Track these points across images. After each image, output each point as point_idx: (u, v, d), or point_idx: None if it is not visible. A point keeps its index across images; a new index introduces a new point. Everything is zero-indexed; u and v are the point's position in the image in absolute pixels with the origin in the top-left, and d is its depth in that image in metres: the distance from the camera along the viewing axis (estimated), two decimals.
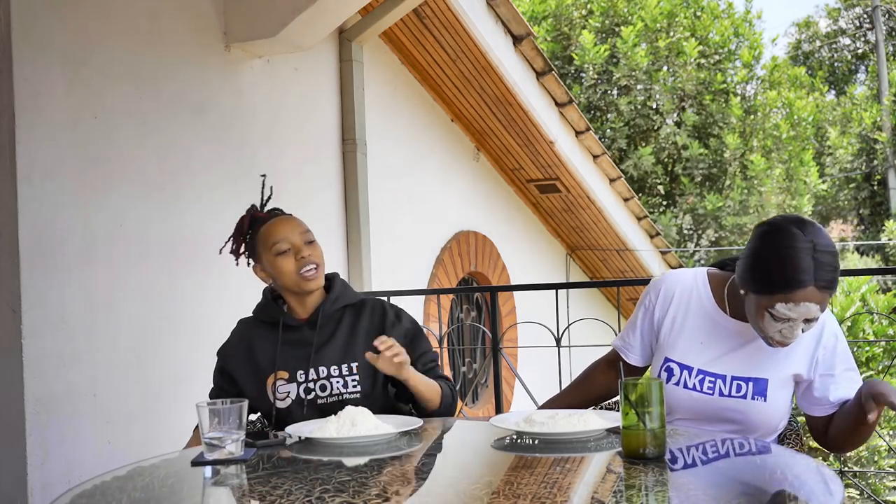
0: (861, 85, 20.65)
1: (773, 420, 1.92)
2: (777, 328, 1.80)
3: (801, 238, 1.76)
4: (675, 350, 1.98)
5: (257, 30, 3.36)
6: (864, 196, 17.77)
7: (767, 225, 1.85)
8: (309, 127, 4.01)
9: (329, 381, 2.06)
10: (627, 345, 2.11)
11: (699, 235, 13.09)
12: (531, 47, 5.03)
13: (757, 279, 1.81)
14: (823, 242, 1.77)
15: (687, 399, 1.93)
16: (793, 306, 1.75)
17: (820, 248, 1.76)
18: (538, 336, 4.23)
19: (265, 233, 2.10)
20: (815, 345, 1.92)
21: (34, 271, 2.59)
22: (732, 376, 1.91)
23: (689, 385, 1.93)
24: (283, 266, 2.07)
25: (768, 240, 1.81)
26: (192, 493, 1.54)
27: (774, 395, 1.90)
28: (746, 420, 1.91)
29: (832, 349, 1.92)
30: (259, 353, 2.11)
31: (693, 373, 1.94)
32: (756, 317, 1.82)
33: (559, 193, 6.32)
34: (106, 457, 2.75)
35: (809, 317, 1.77)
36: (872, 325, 5.75)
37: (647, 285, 2.10)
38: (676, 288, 2.02)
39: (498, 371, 3.58)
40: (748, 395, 1.90)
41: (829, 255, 1.76)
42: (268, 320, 2.14)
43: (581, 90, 12.59)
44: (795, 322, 1.78)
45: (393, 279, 4.56)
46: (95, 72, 2.83)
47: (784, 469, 1.50)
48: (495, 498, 1.32)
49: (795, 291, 1.74)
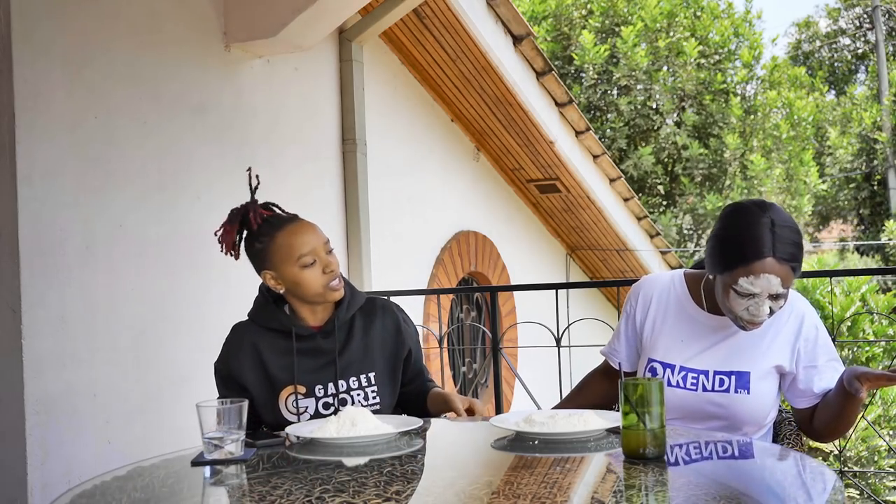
0: (861, 85, 20.64)
1: (759, 413, 1.93)
2: (743, 305, 1.83)
3: (758, 213, 1.82)
4: (657, 350, 2.01)
5: (257, 30, 3.36)
6: (864, 196, 17.75)
7: (727, 208, 1.91)
8: (309, 127, 4.01)
9: (350, 395, 2.00)
10: (613, 350, 2.15)
11: (699, 235, 13.09)
12: (531, 47, 5.03)
13: (718, 258, 1.86)
14: (782, 218, 1.82)
15: (671, 396, 1.93)
16: (753, 279, 1.79)
17: (779, 223, 1.81)
18: (538, 336, 4.23)
19: (286, 244, 1.97)
20: (796, 337, 1.94)
21: (34, 271, 2.59)
22: (715, 371, 1.93)
23: (673, 382, 1.96)
24: (309, 280, 1.97)
25: (728, 220, 1.88)
26: (192, 493, 1.54)
27: (758, 387, 1.91)
28: (732, 414, 1.92)
29: (814, 341, 1.94)
30: (270, 364, 2.01)
31: (676, 370, 1.96)
32: (723, 298, 1.86)
33: (559, 193, 6.32)
34: (106, 457, 2.75)
35: (773, 291, 1.80)
36: (872, 325, 5.75)
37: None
38: (654, 290, 2.07)
39: (498, 371, 3.58)
40: (731, 389, 1.91)
41: (789, 231, 1.81)
42: (275, 328, 2.04)
43: (581, 90, 12.58)
44: (760, 297, 1.80)
45: (393, 279, 4.56)
46: (96, 72, 2.83)
47: (784, 469, 1.50)
48: (495, 498, 1.32)
49: (754, 263, 1.79)
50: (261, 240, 2.01)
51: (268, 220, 2.02)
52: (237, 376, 2.04)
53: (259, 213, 2.03)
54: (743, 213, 1.85)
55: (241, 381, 2.03)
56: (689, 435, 1.79)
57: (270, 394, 2.02)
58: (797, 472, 1.47)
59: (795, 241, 1.82)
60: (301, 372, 2.01)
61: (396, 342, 2.10)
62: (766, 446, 1.72)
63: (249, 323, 2.10)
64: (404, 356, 2.11)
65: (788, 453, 1.64)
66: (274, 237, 1.99)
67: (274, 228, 2.01)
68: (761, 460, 1.61)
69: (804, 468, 1.49)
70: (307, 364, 2.02)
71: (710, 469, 1.58)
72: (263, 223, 2.01)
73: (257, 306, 2.11)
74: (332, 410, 1.99)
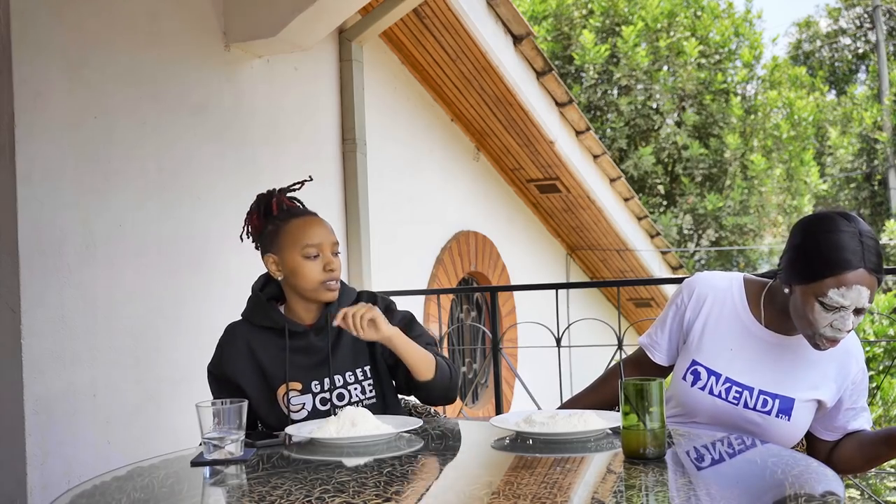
0: (861, 85, 20.63)
1: (791, 439, 1.91)
2: (828, 320, 1.74)
3: (845, 223, 1.75)
4: (703, 353, 1.94)
5: (257, 30, 3.36)
6: (864, 196, 17.75)
7: (808, 218, 1.83)
8: (309, 127, 4.01)
9: (346, 389, 2.00)
10: (655, 342, 2.06)
11: (699, 235, 13.09)
12: (531, 47, 5.03)
13: (804, 268, 1.76)
14: (867, 229, 1.75)
15: (710, 405, 1.91)
16: (845, 290, 1.71)
17: (866, 234, 1.74)
18: (538, 336, 4.23)
19: (296, 230, 2.01)
20: (844, 378, 1.91)
21: (34, 271, 2.59)
22: (760, 390, 1.88)
23: (715, 392, 1.90)
24: (308, 271, 1.99)
25: (812, 229, 1.78)
26: (192, 493, 1.54)
27: (798, 416, 1.88)
28: (764, 434, 1.88)
29: (860, 384, 1.93)
30: (265, 362, 2.02)
31: (720, 380, 1.90)
32: (804, 310, 1.76)
33: (559, 193, 6.32)
34: (106, 457, 2.75)
35: (860, 305, 1.73)
36: (872, 325, 5.76)
37: (681, 284, 2.06)
38: (710, 291, 1.98)
39: (498, 371, 3.58)
40: (773, 412, 1.87)
41: (874, 242, 1.75)
42: (268, 325, 2.05)
43: (581, 90, 12.58)
44: (847, 311, 1.73)
45: (393, 279, 4.56)
46: (95, 72, 2.83)
47: (784, 469, 1.50)
48: (495, 498, 1.32)
49: (847, 273, 1.70)
50: (274, 222, 2.05)
51: (287, 209, 2.08)
52: (232, 377, 2.04)
53: (283, 200, 2.09)
54: (829, 222, 1.76)
55: (236, 382, 2.03)
56: (689, 435, 1.79)
57: (266, 391, 2.02)
58: (798, 473, 1.47)
59: (880, 252, 1.76)
60: (296, 368, 2.01)
61: None
62: (766, 446, 1.72)
63: (243, 322, 2.11)
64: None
65: (788, 453, 1.64)
66: (287, 222, 2.04)
67: (290, 216, 2.05)
68: (761, 460, 1.61)
69: (804, 468, 1.49)
70: (302, 361, 2.02)
71: (711, 469, 1.58)
72: (283, 210, 2.07)
73: (251, 305, 2.11)
74: (329, 406, 1.99)
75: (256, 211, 2.10)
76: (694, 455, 1.64)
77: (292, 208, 2.10)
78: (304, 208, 2.13)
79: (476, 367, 5.98)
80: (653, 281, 6.72)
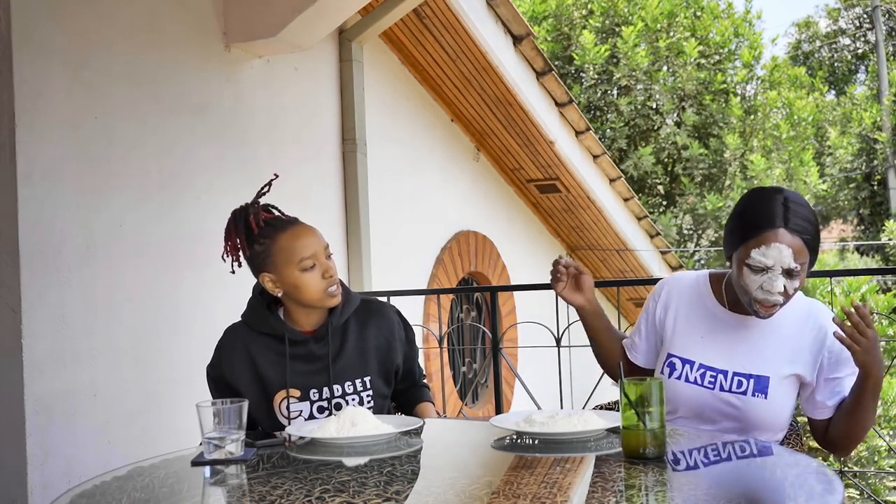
0: (861, 85, 20.63)
1: (775, 419, 1.92)
2: (758, 283, 1.82)
3: (771, 191, 1.86)
4: (676, 345, 2.00)
5: (257, 30, 3.36)
6: (864, 196, 17.74)
7: (744, 193, 1.95)
8: (309, 127, 4.01)
9: (345, 399, 1.99)
10: (633, 345, 2.15)
11: (699, 235, 13.08)
12: (531, 47, 5.03)
13: (731, 235, 1.88)
14: (796, 196, 1.84)
15: (688, 393, 1.94)
16: (765, 249, 1.79)
17: (792, 199, 1.82)
18: (538, 336, 4.22)
19: (288, 246, 1.95)
20: (820, 347, 1.92)
21: (34, 271, 2.59)
22: (734, 372, 1.92)
23: (691, 379, 1.95)
24: (308, 283, 1.95)
25: (740, 201, 1.91)
26: (192, 493, 1.54)
27: (776, 393, 1.90)
28: (745, 417, 1.91)
29: (838, 353, 1.92)
30: (264, 368, 2.00)
31: (694, 367, 1.96)
32: (738, 278, 1.86)
33: (559, 193, 6.33)
34: (106, 457, 2.75)
35: (785, 264, 1.79)
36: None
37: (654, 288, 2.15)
38: (677, 287, 2.07)
39: (498, 371, 3.58)
40: (749, 392, 1.90)
41: (803, 207, 1.83)
42: (267, 332, 2.03)
43: (581, 90, 12.58)
44: (773, 272, 1.80)
45: (393, 279, 4.56)
46: (95, 72, 2.83)
47: (784, 469, 1.50)
48: (495, 498, 1.32)
49: (765, 232, 1.80)
50: (261, 242, 1.99)
51: (269, 223, 2.00)
52: (230, 379, 2.03)
53: (259, 215, 2.00)
54: (757, 192, 1.89)
55: (234, 385, 2.02)
56: (689, 435, 1.79)
57: (263, 397, 2.01)
58: (797, 473, 1.47)
59: (808, 217, 1.82)
60: (295, 376, 2.00)
61: (392, 346, 2.08)
62: (766, 447, 1.72)
63: (242, 325, 2.09)
64: (400, 360, 2.11)
65: (788, 454, 1.64)
66: (275, 239, 1.97)
67: (275, 231, 1.98)
68: (761, 460, 1.61)
69: (804, 468, 1.49)
70: (300, 368, 2.00)
71: (710, 469, 1.58)
72: (264, 226, 1.99)
73: (250, 309, 2.09)
74: (327, 415, 1.98)
75: (234, 230, 2.01)
76: (694, 455, 1.64)
77: (273, 221, 2.01)
78: (284, 217, 2.05)
79: (476, 367, 5.98)
80: (653, 281, 6.68)
